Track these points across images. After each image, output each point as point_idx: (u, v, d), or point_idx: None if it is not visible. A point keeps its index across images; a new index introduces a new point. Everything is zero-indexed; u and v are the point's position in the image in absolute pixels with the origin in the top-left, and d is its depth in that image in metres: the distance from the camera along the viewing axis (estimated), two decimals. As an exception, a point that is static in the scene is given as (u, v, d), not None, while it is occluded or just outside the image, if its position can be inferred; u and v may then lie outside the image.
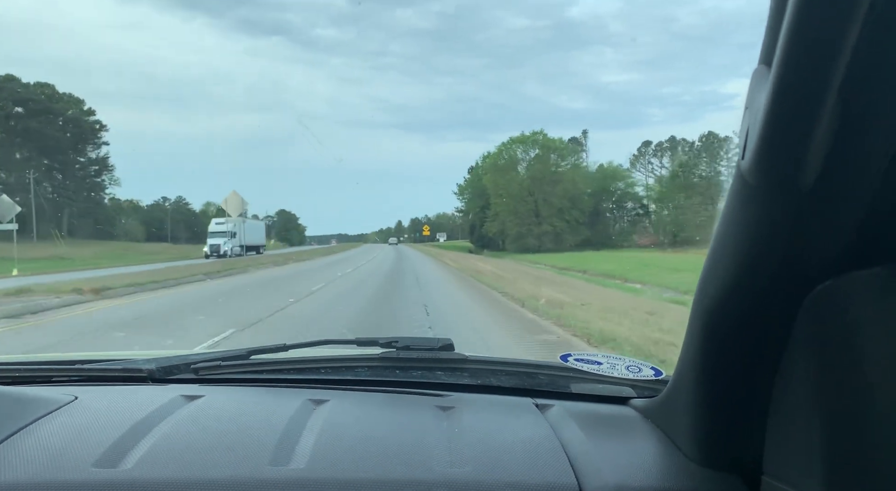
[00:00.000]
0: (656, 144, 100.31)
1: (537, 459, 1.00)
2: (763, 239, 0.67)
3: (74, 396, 1.23)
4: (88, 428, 1.08)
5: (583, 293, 15.89)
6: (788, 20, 0.53)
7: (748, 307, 0.75)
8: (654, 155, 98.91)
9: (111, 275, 21.04)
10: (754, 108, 0.60)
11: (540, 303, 12.53)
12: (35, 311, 12.23)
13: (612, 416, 1.23)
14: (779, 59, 0.55)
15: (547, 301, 12.76)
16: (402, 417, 1.21)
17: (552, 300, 12.93)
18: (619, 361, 1.30)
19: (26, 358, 1.76)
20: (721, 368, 0.85)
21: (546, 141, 75.73)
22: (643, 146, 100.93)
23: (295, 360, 1.50)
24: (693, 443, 0.96)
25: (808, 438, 0.71)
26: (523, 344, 8.60)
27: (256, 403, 1.27)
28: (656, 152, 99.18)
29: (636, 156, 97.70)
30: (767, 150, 0.60)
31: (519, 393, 1.37)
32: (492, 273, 24.06)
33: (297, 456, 0.99)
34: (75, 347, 8.13)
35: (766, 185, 0.63)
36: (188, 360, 1.49)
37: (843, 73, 0.52)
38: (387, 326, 10.36)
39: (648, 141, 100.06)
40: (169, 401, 1.21)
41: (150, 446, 1.01)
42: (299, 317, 11.42)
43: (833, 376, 0.67)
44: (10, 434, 1.03)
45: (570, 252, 62.58)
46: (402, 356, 1.45)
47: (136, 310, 12.71)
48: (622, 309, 11.96)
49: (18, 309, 12.09)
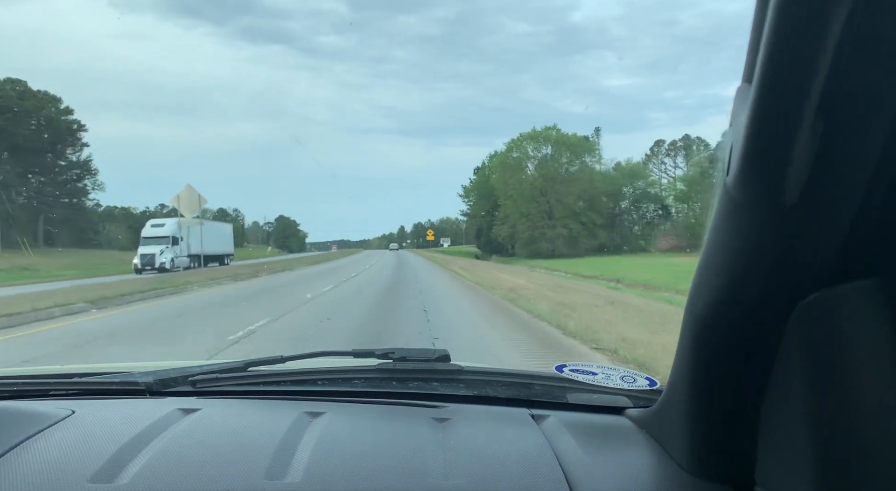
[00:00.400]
0: (669, 143, 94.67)
1: (532, 471, 1.01)
2: (750, 253, 0.68)
3: (72, 411, 1.23)
4: (85, 443, 1.08)
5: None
6: (766, 39, 0.54)
7: (737, 319, 0.75)
8: (668, 154, 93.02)
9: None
10: (738, 125, 0.62)
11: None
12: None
13: (607, 426, 1.23)
14: (759, 77, 0.56)
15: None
16: (398, 429, 1.21)
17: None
18: (613, 372, 1.31)
19: (25, 371, 1.70)
20: (712, 379, 0.86)
21: (560, 137, 69.76)
22: (656, 146, 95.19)
23: (292, 372, 1.50)
24: (686, 453, 0.97)
25: (799, 448, 0.71)
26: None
27: (253, 416, 1.28)
28: (669, 152, 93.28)
29: (649, 155, 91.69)
30: (750, 166, 0.61)
31: (515, 404, 1.37)
32: (534, 293, 16.29)
33: (292, 470, 0.99)
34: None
35: (751, 201, 0.64)
36: (186, 372, 1.47)
37: (822, 89, 0.53)
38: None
39: (661, 140, 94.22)
40: (166, 414, 1.21)
41: (146, 461, 1.01)
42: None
43: (822, 387, 0.68)
44: (7, 450, 1.03)
45: (587, 257, 57.02)
46: (398, 367, 1.45)
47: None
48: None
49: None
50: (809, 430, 0.69)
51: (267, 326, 10.81)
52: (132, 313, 13.69)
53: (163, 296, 17.98)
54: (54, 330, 10.98)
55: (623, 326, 9.81)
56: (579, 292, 17.71)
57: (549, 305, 12.76)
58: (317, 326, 10.84)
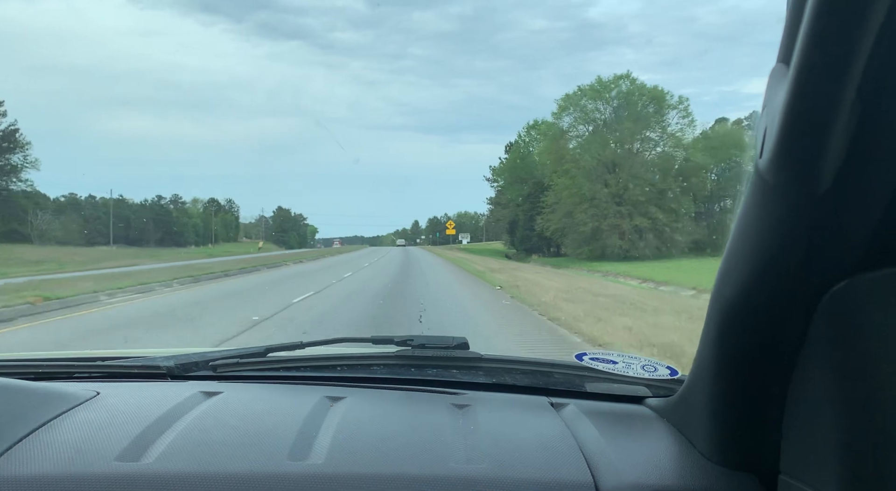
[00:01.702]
0: (734, 122, 75.49)
1: (553, 457, 1.01)
2: (780, 239, 0.67)
3: (96, 392, 1.24)
4: (110, 423, 1.09)
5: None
6: (807, 18, 0.53)
7: (764, 308, 0.75)
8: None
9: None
10: (772, 107, 0.60)
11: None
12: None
13: (627, 415, 1.23)
14: (798, 58, 0.55)
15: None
16: (418, 414, 1.22)
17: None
18: (634, 361, 1.29)
19: (49, 355, 1.69)
20: (737, 368, 0.85)
21: (634, 90, 49.44)
22: (717, 124, 76.27)
23: (311, 357, 1.49)
24: (709, 442, 0.96)
25: (825, 437, 0.70)
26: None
27: (274, 399, 1.28)
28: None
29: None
30: (786, 148, 0.59)
31: (534, 392, 1.36)
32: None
33: (315, 451, 0.99)
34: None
35: (784, 184, 0.63)
36: (206, 357, 1.48)
37: (861, 72, 0.52)
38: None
39: (724, 118, 75.14)
40: (188, 397, 1.22)
41: (170, 441, 1.02)
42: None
43: (849, 376, 0.67)
44: (36, 428, 1.04)
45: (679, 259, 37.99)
46: (417, 354, 1.44)
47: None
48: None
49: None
50: (836, 419, 0.68)
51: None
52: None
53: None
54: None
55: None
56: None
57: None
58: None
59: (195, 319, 10.66)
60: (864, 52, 0.51)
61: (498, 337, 8.88)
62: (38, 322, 10.37)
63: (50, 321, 10.50)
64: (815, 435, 0.73)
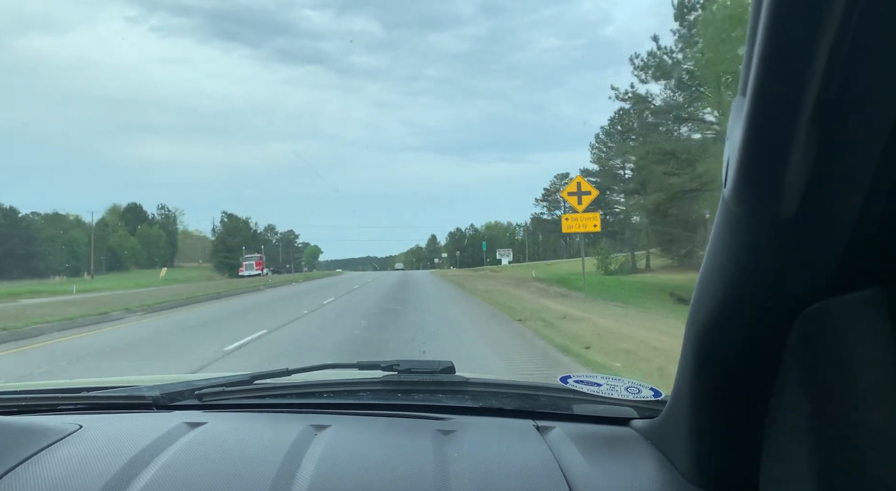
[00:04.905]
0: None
1: (537, 483, 1.01)
2: (750, 264, 0.68)
3: (79, 425, 1.24)
4: (92, 458, 1.08)
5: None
6: (758, 48, 0.53)
7: (738, 331, 0.76)
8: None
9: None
10: (733, 138, 0.61)
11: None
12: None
13: (612, 437, 1.23)
14: (752, 89, 0.55)
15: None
16: (403, 441, 1.21)
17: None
18: (618, 383, 1.29)
19: (33, 386, 1.69)
20: (715, 391, 0.86)
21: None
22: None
23: (297, 384, 1.50)
24: (690, 464, 0.96)
25: (803, 458, 0.70)
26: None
27: (259, 429, 1.28)
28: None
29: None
30: (747, 179, 0.60)
31: (520, 415, 1.36)
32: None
33: (297, 484, 0.99)
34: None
35: (749, 214, 0.63)
36: (192, 386, 1.48)
37: (815, 100, 0.53)
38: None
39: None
40: (172, 428, 1.22)
41: (152, 475, 1.01)
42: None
43: (825, 397, 0.67)
44: (15, 465, 1.03)
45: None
46: (403, 379, 1.44)
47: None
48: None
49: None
50: (812, 441, 0.68)
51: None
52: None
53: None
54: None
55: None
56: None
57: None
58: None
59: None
60: (815, 81, 0.52)
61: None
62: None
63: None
64: (792, 456, 0.73)
